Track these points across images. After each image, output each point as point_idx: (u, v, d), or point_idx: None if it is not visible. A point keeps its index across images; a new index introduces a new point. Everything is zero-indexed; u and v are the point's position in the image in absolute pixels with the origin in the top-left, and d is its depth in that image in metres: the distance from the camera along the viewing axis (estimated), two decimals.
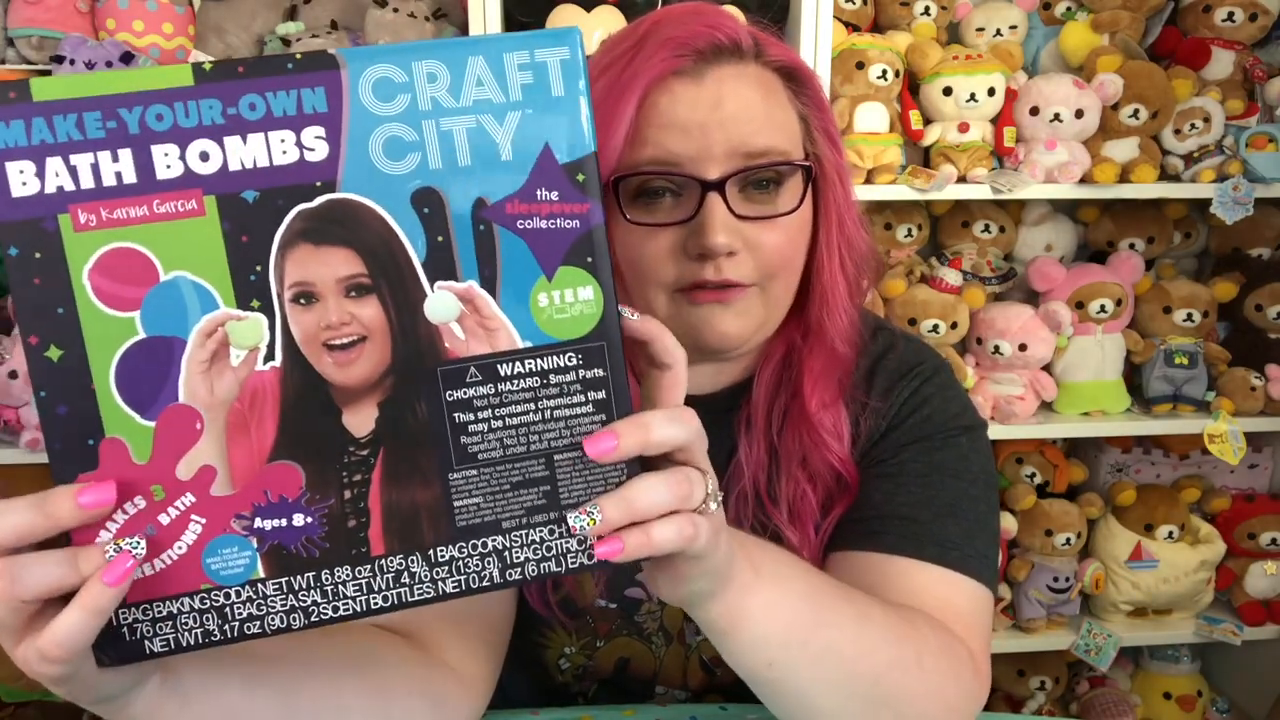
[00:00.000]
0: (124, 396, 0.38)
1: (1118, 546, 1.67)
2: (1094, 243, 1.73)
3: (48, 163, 0.37)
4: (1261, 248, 1.71)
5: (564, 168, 0.40)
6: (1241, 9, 1.56)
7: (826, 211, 0.69)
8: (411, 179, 0.39)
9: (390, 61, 0.38)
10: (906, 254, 1.65)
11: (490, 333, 0.41)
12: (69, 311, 0.38)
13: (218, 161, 0.38)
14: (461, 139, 0.39)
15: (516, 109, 0.39)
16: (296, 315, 0.39)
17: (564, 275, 0.41)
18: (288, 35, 1.37)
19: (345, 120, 0.38)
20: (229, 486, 0.40)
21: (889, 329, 0.79)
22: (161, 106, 0.37)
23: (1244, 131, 1.55)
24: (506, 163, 0.39)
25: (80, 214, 0.37)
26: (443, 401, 0.41)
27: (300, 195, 0.38)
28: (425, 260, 0.40)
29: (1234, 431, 1.56)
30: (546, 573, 0.43)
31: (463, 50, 0.39)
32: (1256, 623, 1.71)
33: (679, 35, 0.62)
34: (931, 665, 0.59)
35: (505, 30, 1.40)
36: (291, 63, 0.38)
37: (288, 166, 0.38)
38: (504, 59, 0.39)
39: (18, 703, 1.48)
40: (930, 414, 0.73)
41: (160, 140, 0.37)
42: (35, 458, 1.39)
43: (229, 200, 0.38)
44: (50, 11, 1.35)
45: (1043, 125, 1.50)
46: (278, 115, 0.38)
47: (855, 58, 1.45)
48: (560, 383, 0.41)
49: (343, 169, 0.38)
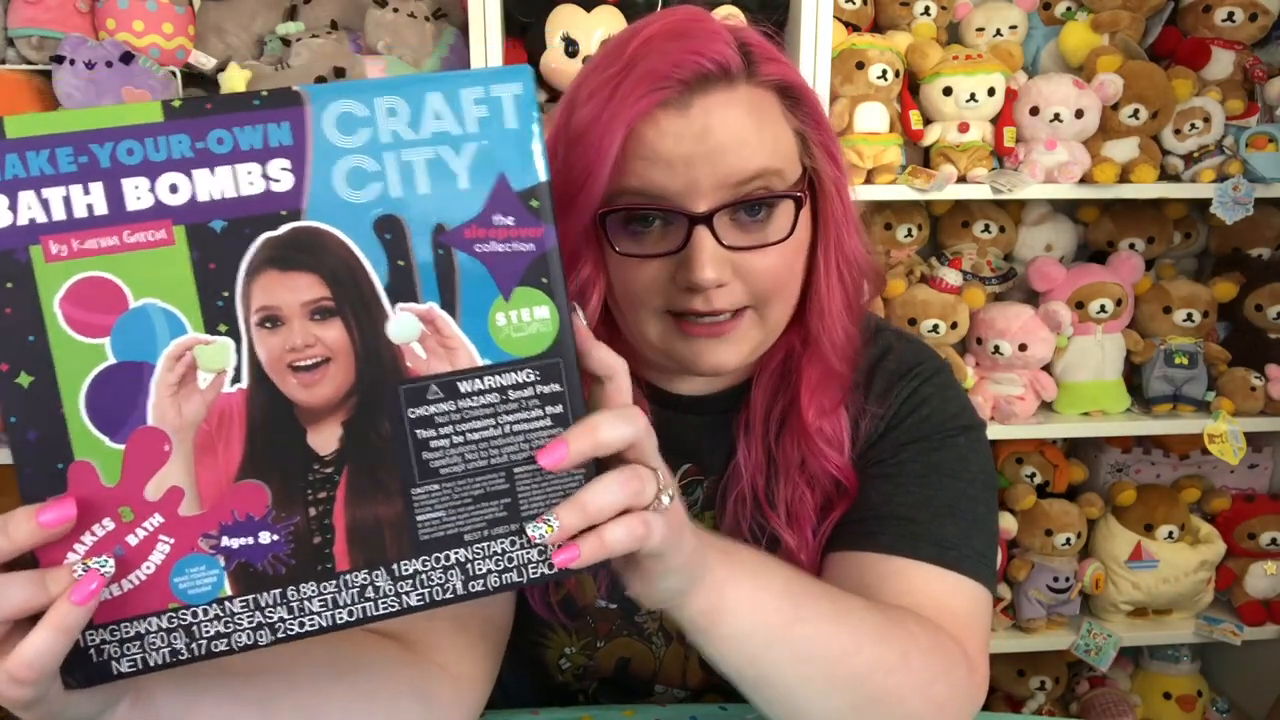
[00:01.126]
0: (93, 420, 0.39)
1: (1118, 546, 1.67)
2: (1094, 243, 1.73)
3: (20, 196, 0.38)
4: (1261, 248, 1.71)
5: (519, 194, 0.42)
6: (1241, 9, 1.56)
7: (825, 227, 0.68)
8: (373, 207, 0.41)
9: (352, 97, 0.40)
10: (906, 254, 1.65)
11: (450, 351, 0.42)
12: (39, 339, 0.39)
13: (187, 193, 0.39)
14: (421, 169, 0.41)
15: (473, 140, 0.41)
16: (262, 338, 0.41)
17: (520, 295, 0.42)
18: (288, 35, 1.37)
19: (309, 152, 0.40)
20: (197, 506, 0.41)
21: (888, 329, 0.79)
22: (132, 141, 0.39)
23: (1244, 131, 1.55)
24: (464, 191, 0.41)
25: (52, 245, 0.39)
26: (405, 418, 0.42)
27: (266, 224, 0.40)
28: (387, 284, 0.41)
29: (1234, 431, 1.56)
30: (509, 583, 0.44)
31: (421, 86, 0.41)
32: (1256, 623, 1.71)
33: (662, 67, 0.60)
34: (920, 664, 0.58)
35: (505, 29, 1.40)
36: (258, 99, 0.40)
37: (254, 197, 0.40)
38: (460, 94, 0.41)
39: None
40: (929, 414, 0.72)
41: (131, 173, 0.39)
42: None
43: (197, 230, 0.39)
44: (50, 11, 1.35)
45: (1043, 125, 1.50)
46: (244, 148, 0.39)
47: (855, 58, 1.45)
48: (519, 398, 0.43)
49: (307, 198, 0.40)
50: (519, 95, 0.41)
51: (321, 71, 1.30)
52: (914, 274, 1.61)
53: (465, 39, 1.36)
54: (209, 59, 1.39)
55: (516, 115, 0.42)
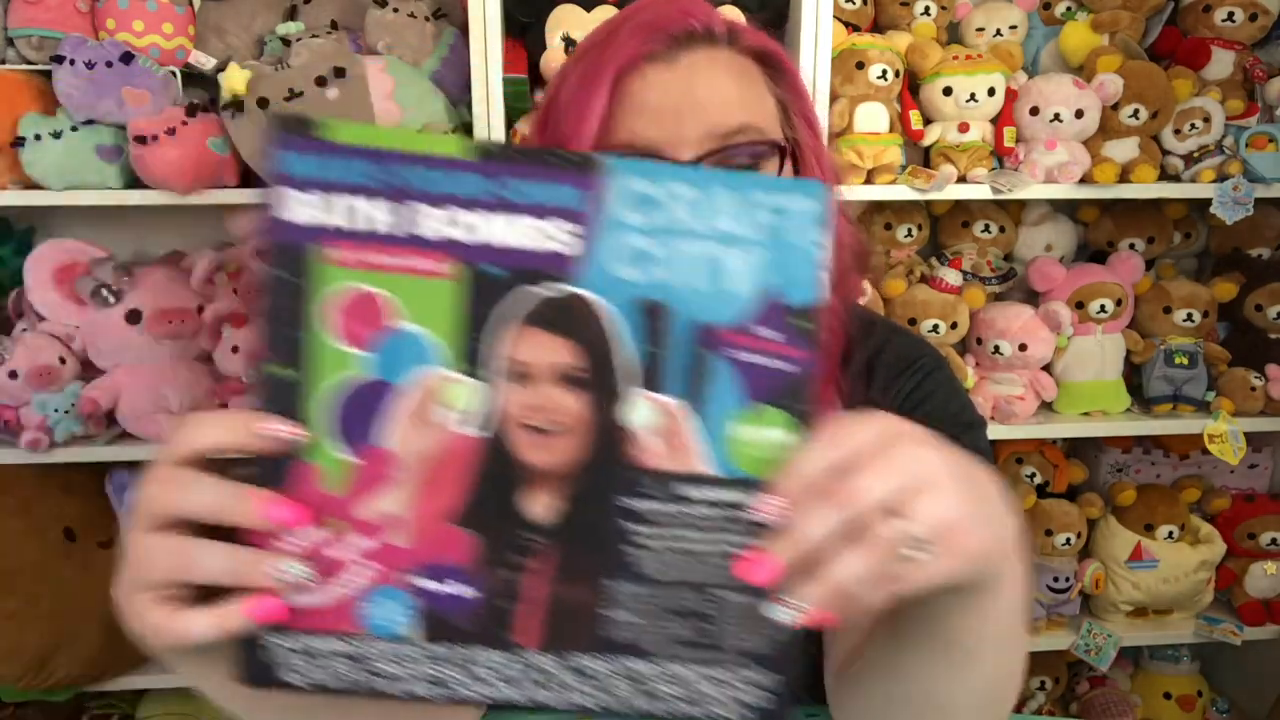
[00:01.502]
0: (331, 427, 0.40)
1: (1118, 546, 1.67)
2: (1094, 243, 1.73)
3: (323, 196, 0.39)
4: (1261, 248, 1.71)
5: (789, 310, 0.41)
6: (1241, 9, 1.56)
7: None
8: (644, 288, 0.40)
9: (650, 177, 0.40)
10: (906, 254, 1.65)
11: (682, 451, 0.41)
12: (304, 335, 0.40)
13: (475, 233, 0.40)
14: (698, 262, 0.40)
15: (755, 245, 0.40)
16: (508, 391, 0.41)
17: (767, 414, 0.41)
18: (288, 35, 1.37)
19: (597, 222, 0.40)
20: (407, 539, 0.41)
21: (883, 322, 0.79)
22: (437, 172, 0.39)
23: (1244, 131, 1.55)
24: (735, 294, 0.40)
25: (340, 250, 0.39)
26: (619, 507, 0.41)
27: (541, 281, 0.40)
28: (638, 368, 0.41)
29: (1234, 431, 1.56)
30: (680, 714, 0.42)
31: (716, 181, 0.40)
32: (1256, 623, 1.71)
33: (652, 20, 0.63)
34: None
35: (505, 29, 1.40)
36: (563, 159, 0.40)
37: (536, 252, 0.40)
38: (752, 197, 0.40)
39: (17, 703, 1.48)
40: (932, 410, 0.72)
41: (430, 202, 0.39)
42: (35, 458, 1.39)
43: (476, 271, 0.40)
44: (50, 11, 1.34)
45: (1043, 125, 1.50)
46: (539, 204, 0.40)
47: (855, 58, 1.45)
48: (739, 519, 0.41)
49: (584, 266, 0.40)
50: (810, 211, 0.40)
51: (321, 72, 1.30)
52: (914, 274, 1.61)
53: (465, 39, 1.36)
54: (209, 59, 1.39)
55: (804, 230, 0.40)
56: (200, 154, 1.32)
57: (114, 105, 1.32)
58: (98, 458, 1.44)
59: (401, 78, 1.36)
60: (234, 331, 1.46)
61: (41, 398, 1.39)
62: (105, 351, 1.43)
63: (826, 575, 0.37)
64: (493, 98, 1.34)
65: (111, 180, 1.35)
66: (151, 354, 1.44)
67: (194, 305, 1.47)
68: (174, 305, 1.44)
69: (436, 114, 1.38)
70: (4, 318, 1.50)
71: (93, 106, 1.31)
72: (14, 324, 1.48)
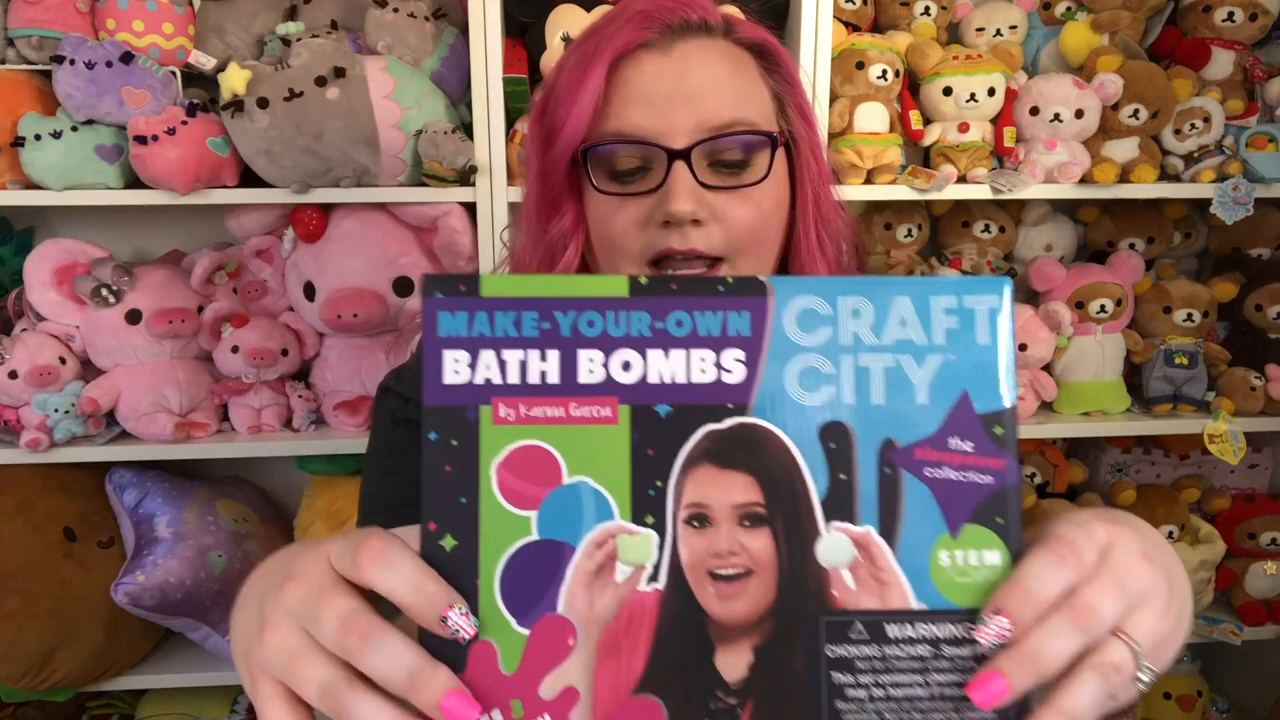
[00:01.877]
0: (505, 598, 0.37)
1: None
2: (1094, 243, 1.73)
3: (482, 354, 0.38)
4: (1261, 248, 1.71)
5: (981, 418, 0.38)
6: (1241, 9, 1.56)
7: (802, 188, 0.69)
8: (822, 412, 0.38)
9: (817, 294, 0.38)
10: (906, 254, 1.65)
11: (883, 586, 0.38)
12: (471, 502, 0.37)
13: (638, 372, 0.38)
14: (878, 377, 0.38)
15: (938, 353, 0.38)
16: (687, 537, 0.38)
17: (969, 534, 0.38)
18: (288, 35, 1.37)
19: (765, 346, 0.38)
20: (589, 714, 0.37)
21: None
22: (594, 313, 0.38)
23: (1244, 131, 1.55)
24: (921, 406, 0.38)
25: (501, 407, 0.38)
26: (822, 656, 0.37)
27: (711, 415, 0.38)
28: (825, 498, 0.38)
29: (1234, 431, 1.56)
30: None
31: (890, 290, 0.38)
32: (1256, 623, 1.71)
33: (648, 9, 0.64)
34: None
35: (505, 29, 1.40)
36: (723, 285, 0.38)
37: (703, 385, 0.38)
38: (930, 301, 0.38)
39: (17, 703, 1.48)
40: None
41: (588, 345, 0.38)
42: (35, 458, 1.40)
43: (642, 412, 0.38)
44: (50, 11, 1.35)
45: (1043, 125, 1.50)
46: (702, 334, 0.38)
47: (855, 58, 1.45)
48: (953, 656, 0.37)
49: (756, 394, 0.38)
50: (994, 309, 0.38)
51: (321, 72, 1.30)
52: (914, 274, 1.61)
53: (465, 39, 1.36)
54: (209, 59, 1.39)
55: (989, 330, 0.38)
56: (200, 154, 1.32)
57: (114, 105, 1.32)
58: (98, 458, 1.44)
59: (401, 78, 1.36)
60: (234, 331, 1.46)
61: (41, 398, 1.39)
62: (105, 351, 1.43)
63: (1064, 701, 0.35)
64: (493, 98, 1.34)
65: (111, 180, 1.35)
66: (151, 354, 1.44)
67: (194, 305, 1.47)
68: (174, 305, 1.44)
69: (436, 114, 1.38)
70: (4, 318, 1.50)
71: (93, 106, 1.32)
72: (14, 324, 1.48)
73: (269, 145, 1.30)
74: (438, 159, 1.34)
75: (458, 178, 1.35)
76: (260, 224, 1.47)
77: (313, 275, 1.44)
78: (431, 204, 1.39)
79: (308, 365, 1.56)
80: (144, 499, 1.49)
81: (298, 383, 1.53)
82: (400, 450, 0.74)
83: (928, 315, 0.38)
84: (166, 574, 1.39)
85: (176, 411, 1.46)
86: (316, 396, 1.53)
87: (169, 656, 1.57)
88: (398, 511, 0.71)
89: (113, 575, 1.40)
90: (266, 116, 1.29)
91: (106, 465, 1.52)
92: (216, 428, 1.50)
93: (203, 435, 1.47)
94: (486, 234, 1.38)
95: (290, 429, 1.51)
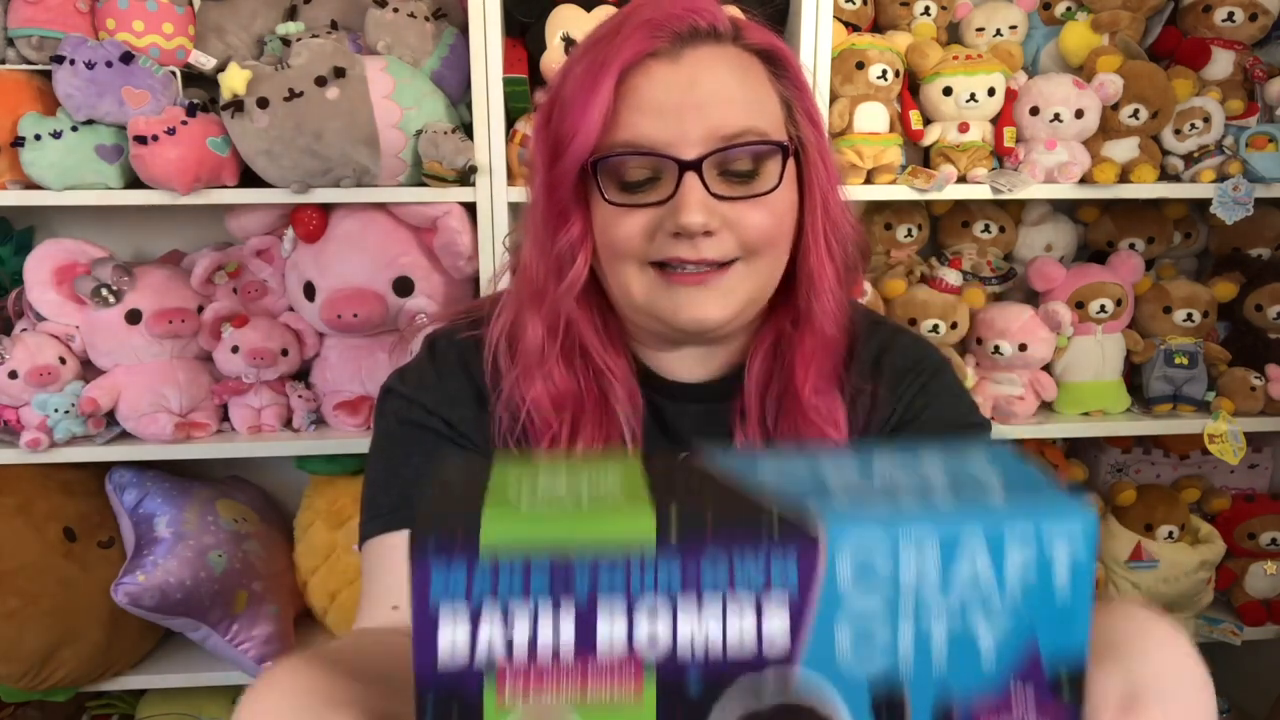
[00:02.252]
0: None
1: (1118, 546, 1.67)
2: (1094, 243, 1.73)
3: (484, 618, 0.31)
4: (1261, 248, 1.71)
5: (1051, 682, 0.33)
6: (1241, 9, 1.56)
7: (810, 194, 0.69)
8: (876, 678, 0.32)
9: (875, 535, 0.32)
10: (906, 254, 1.65)
11: None
12: None
13: (666, 637, 0.32)
14: (940, 637, 0.33)
15: (1009, 607, 0.33)
16: None
17: None
18: (288, 35, 1.37)
19: (814, 600, 0.32)
20: None
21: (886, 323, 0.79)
22: (616, 564, 0.31)
23: (1244, 131, 1.55)
24: (985, 668, 0.33)
25: (507, 685, 0.32)
26: None
27: (750, 692, 0.32)
28: None
29: (1234, 431, 1.56)
30: None
31: (957, 526, 0.32)
32: (1256, 623, 1.71)
33: (657, 17, 0.63)
34: None
35: (505, 29, 1.40)
36: (765, 524, 0.32)
37: (740, 648, 0.32)
38: (1005, 543, 0.32)
39: (17, 703, 1.48)
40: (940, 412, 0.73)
41: (608, 605, 0.32)
42: (35, 458, 1.40)
43: (670, 687, 0.32)
44: (50, 11, 1.34)
45: (1043, 125, 1.50)
46: (740, 587, 0.32)
47: (855, 58, 1.45)
48: None
49: (801, 658, 0.32)
50: (1077, 555, 0.32)
51: (321, 72, 1.30)
52: (914, 274, 1.61)
53: (465, 39, 1.36)
54: (209, 59, 1.39)
55: (1069, 580, 0.32)
56: (200, 154, 1.32)
57: (114, 105, 1.32)
58: (98, 457, 1.44)
59: (401, 78, 1.36)
60: (234, 331, 1.46)
61: (41, 398, 1.39)
62: (105, 351, 1.43)
63: None
64: (493, 98, 1.34)
65: (111, 180, 1.35)
66: (151, 354, 1.44)
67: (194, 305, 1.47)
68: (174, 305, 1.44)
69: (436, 114, 1.38)
70: (4, 318, 1.50)
71: (93, 106, 1.32)
72: (14, 324, 1.48)
73: (269, 145, 1.30)
74: (438, 159, 1.34)
75: (458, 178, 1.35)
76: (260, 224, 1.47)
77: (313, 275, 1.44)
78: (431, 204, 1.39)
79: (308, 365, 1.56)
80: (144, 499, 1.49)
81: (298, 383, 1.53)
82: (408, 453, 0.73)
83: (1001, 560, 0.32)
84: (166, 574, 1.39)
85: (176, 411, 1.46)
86: (316, 396, 1.53)
87: (169, 656, 1.58)
88: (404, 515, 0.70)
89: (113, 575, 1.40)
90: (266, 116, 1.29)
91: (106, 465, 1.52)
92: (216, 428, 1.50)
93: (203, 435, 1.47)
94: (486, 234, 1.38)
95: (290, 429, 1.51)
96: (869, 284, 1.58)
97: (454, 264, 1.43)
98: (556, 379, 0.71)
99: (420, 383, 0.75)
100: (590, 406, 0.72)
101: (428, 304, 1.44)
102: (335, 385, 1.52)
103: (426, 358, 0.77)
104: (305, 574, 1.58)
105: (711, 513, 0.32)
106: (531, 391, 0.71)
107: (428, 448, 0.73)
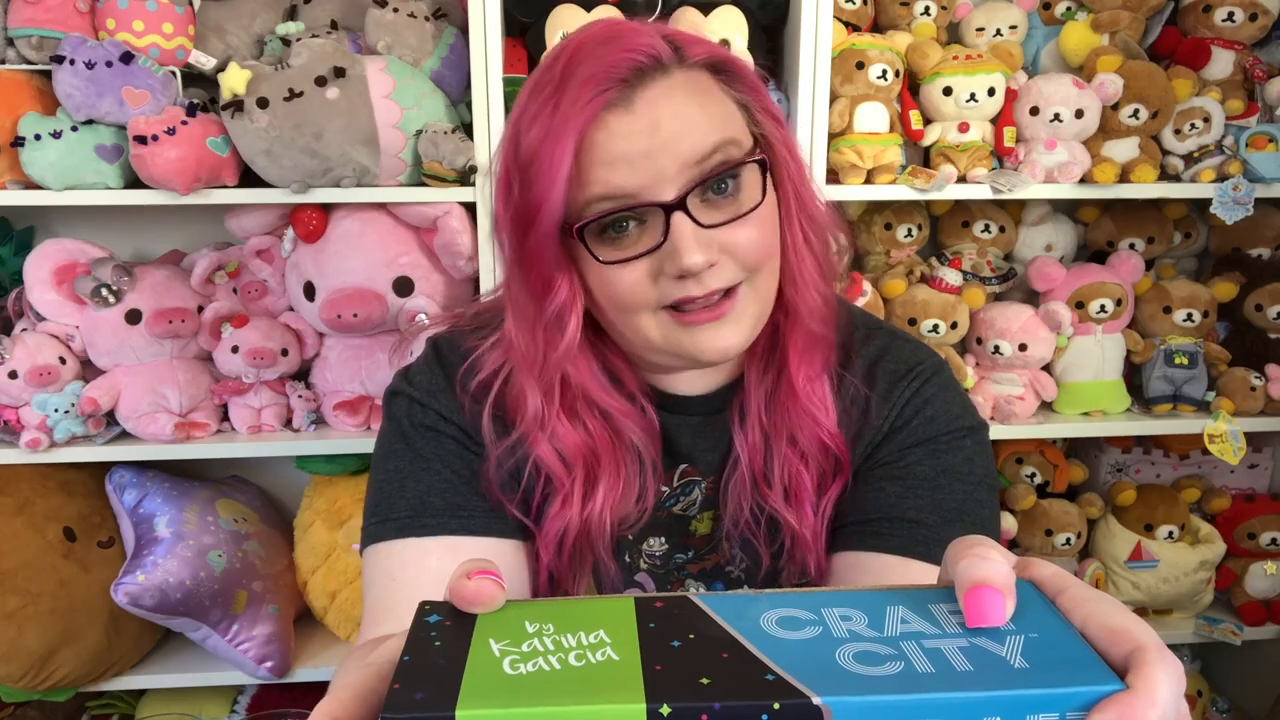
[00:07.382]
0: None
1: (1118, 546, 1.67)
2: (1094, 243, 1.73)
3: None
4: (1261, 248, 1.71)
5: None
6: (1241, 9, 1.56)
7: (783, 188, 0.69)
8: None
9: (885, 713, 0.29)
10: (906, 254, 1.65)
11: None
12: None
13: None
14: None
15: None
16: None
17: None
18: (288, 35, 1.37)
19: None
20: None
21: (883, 328, 0.79)
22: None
23: (1244, 131, 1.55)
24: None
25: None
26: None
27: None
28: None
29: (1234, 431, 1.56)
30: None
31: (978, 709, 0.29)
32: (1256, 623, 1.71)
33: (598, 71, 0.60)
34: None
35: (505, 29, 1.40)
36: (764, 704, 0.28)
37: None
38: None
39: (17, 703, 1.48)
40: (934, 415, 0.73)
41: None
42: (35, 457, 1.40)
43: None
44: (50, 11, 1.34)
45: (1043, 125, 1.50)
46: None
47: (855, 58, 1.45)
48: None
49: None
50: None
51: (321, 72, 1.30)
52: (914, 274, 1.61)
53: (465, 39, 1.36)
54: (209, 59, 1.39)
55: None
56: (200, 154, 1.32)
57: (114, 105, 1.32)
58: (98, 457, 1.44)
59: (401, 78, 1.36)
60: (234, 331, 1.46)
61: (41, 398, 1.39)
62: (105, 351, 1.43)
63: None
64: (493, 98, 1.34)
65: (111, 180, 1.35)
66: (151, 354, 1.44)
67: (194, 305, 1.47)
68: (174, 305, 1.44)
69: (436, 114, 1.38)
70: (4, 318, 1.50)
71: (93, 106, 1.32)
72: (14, 324, 1.48)
73: (269, 145, 1.30)
74: (438, 159, 1.34)
75: (458, 178, 1.35)
76: (260, 224, 1.47)
77: (313, 275, 1.44)
78: (431, 204, 1.39)
79: (308, 365, 1.56)
80: (144, 499, 1.49)
81: (298, 383, 1.54)
82: (424, 457, 0.73)
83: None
84: (166, 574, 1.39)
85: (176, 411, 1.46)
86: (316, 396, 1.53)
87: (169, 656, 1.58)
88: (424, 522, 0.70)
89: (113, 575, 1.40)
90: (266, 116, 1.29)
91: (106, 465, 1.52)
92: (216, 428, 1.50)
93: (203, 435, 1.47)
94: (486, 234, 1.38)
95: (290, 429, 1.51)
96: (869, 284, 1.58)
97: (454, 264, 1.43)
98: (561, 435, 0.71)
99: (432, 387, 0.75)
100: (603, 450, 0.72)
101: (428, 304, 1.45)
102: (335, 385, 1.52)
103: (434, 362, 0.77)
104: (305, 574, 1.58)
105: (710, 695, 0.29)
106: (538, 450, 0.71)
107: (445, 454, 0.73)
